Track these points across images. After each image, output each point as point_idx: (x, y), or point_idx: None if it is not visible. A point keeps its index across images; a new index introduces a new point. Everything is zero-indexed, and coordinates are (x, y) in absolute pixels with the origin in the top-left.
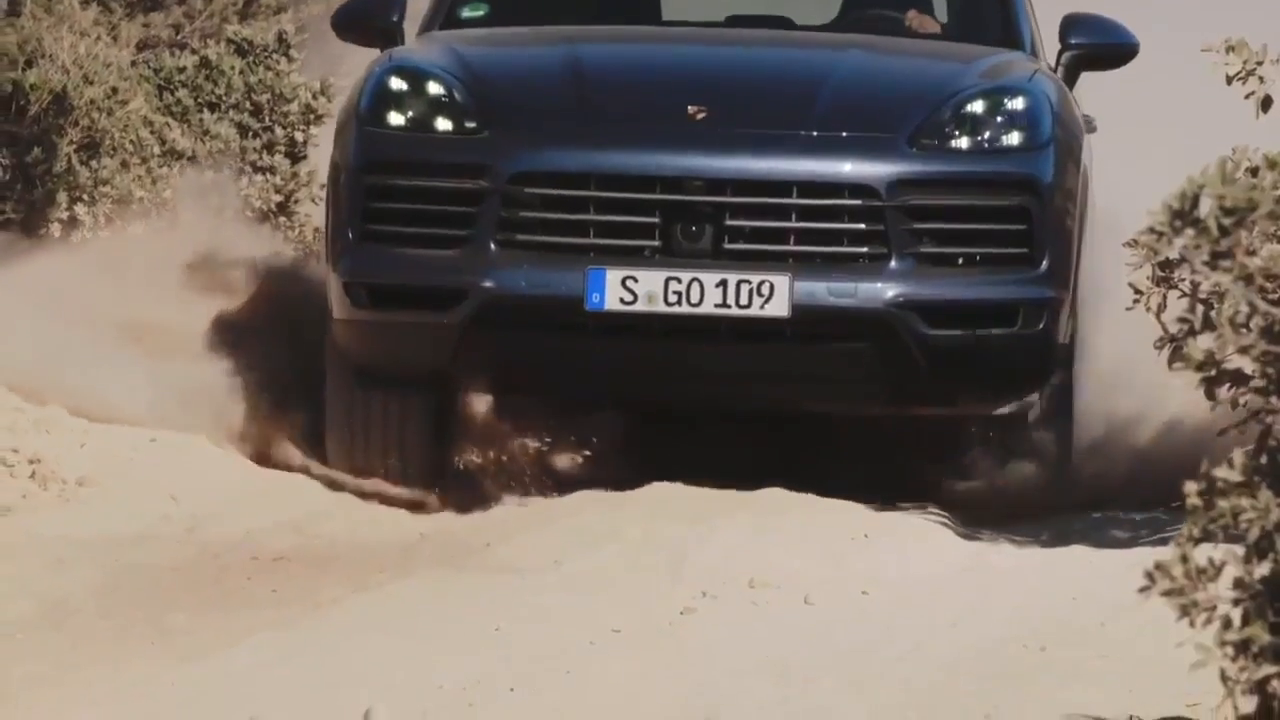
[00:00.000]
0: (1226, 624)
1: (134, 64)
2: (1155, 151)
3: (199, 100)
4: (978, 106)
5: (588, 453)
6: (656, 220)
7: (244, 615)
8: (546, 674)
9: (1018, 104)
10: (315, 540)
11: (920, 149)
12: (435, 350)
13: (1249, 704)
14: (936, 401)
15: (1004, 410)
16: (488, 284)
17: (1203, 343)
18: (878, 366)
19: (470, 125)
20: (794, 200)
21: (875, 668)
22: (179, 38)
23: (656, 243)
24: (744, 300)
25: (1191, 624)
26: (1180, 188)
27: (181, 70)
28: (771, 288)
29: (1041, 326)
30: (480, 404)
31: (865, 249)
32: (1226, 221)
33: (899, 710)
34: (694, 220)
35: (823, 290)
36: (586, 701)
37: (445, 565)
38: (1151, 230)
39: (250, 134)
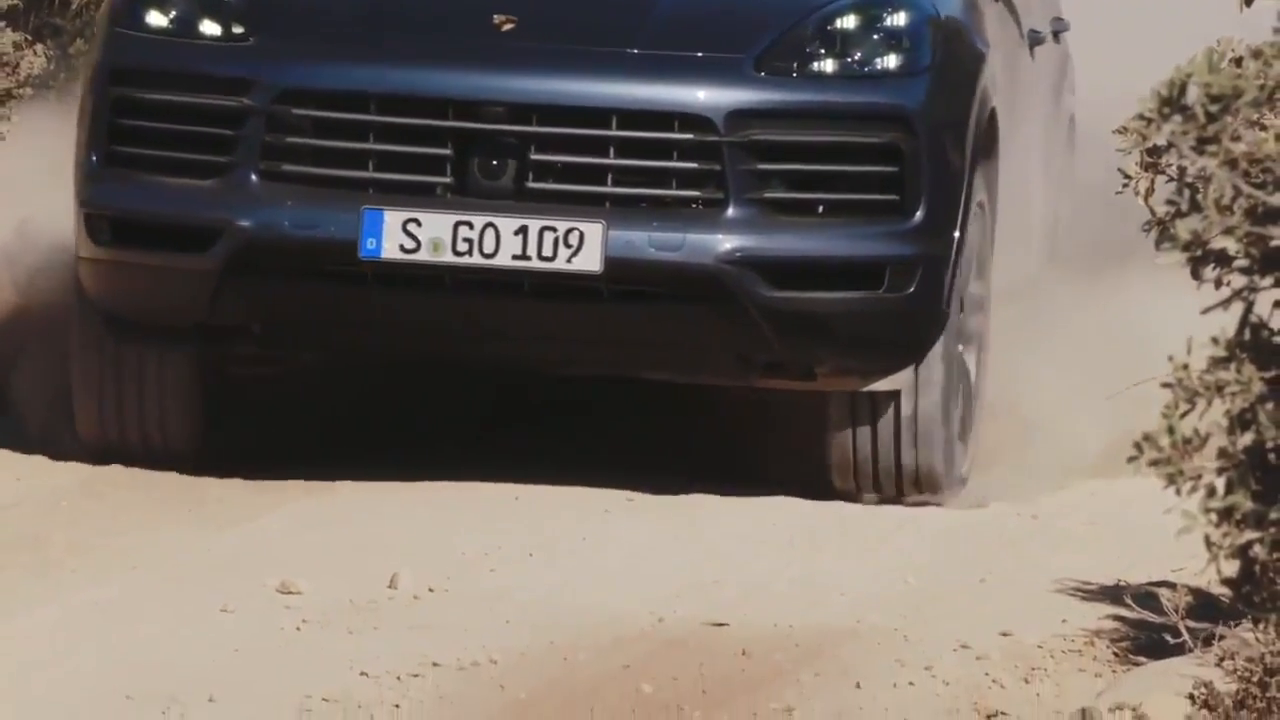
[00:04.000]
0: (1211, 492)
1: None
2: (1138, 45)
3: None
4: (849, 21)
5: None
6: (448, 152)
7: (275, 485)
8: (563, 540)
9: (898, 19)
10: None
11: (771, 72)
12: (189, 298)
13: (1231, 568)
14: (792, 374)
15: (876, 387)
16: (245, 223)
17: (1189, 224)
18: (712, 333)
19: (237, 30)
20: (612, 132)
21: (875, 536)
22: None
23: (448, 179)
24: (547, 251)
25: (1177, 492)
26: (1168, 76)
27: None
28: (581, 237)
29: (913, 289)
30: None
31: (697, 193)
32: (1213, 109)
33: (899, 574)
34: (493, 153)
35: (643, 241)
36: (601, 565)
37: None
38: (1141, 117)
39: None
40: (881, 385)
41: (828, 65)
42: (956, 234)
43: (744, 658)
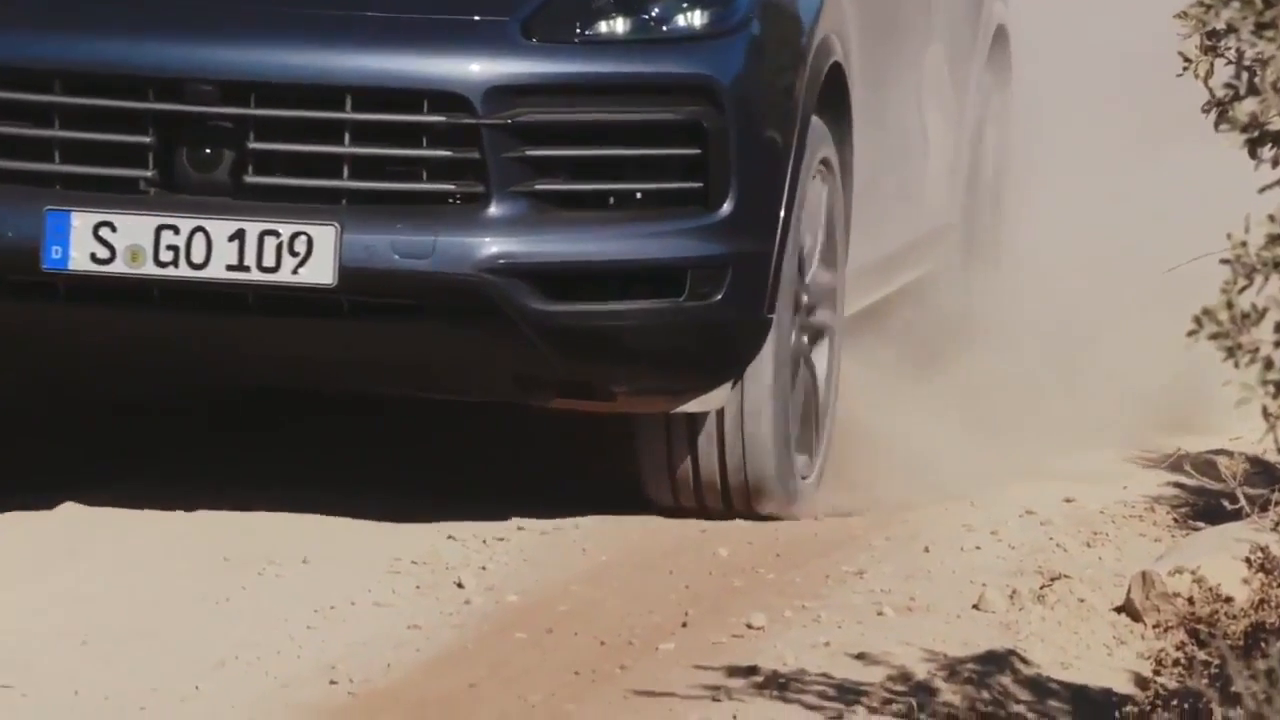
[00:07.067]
0: (1268, 365)
1: None
2: None
3: None
4: None
5: None
6: (149, 140)
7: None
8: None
9: None
10: None
11: (544, 38)
12: None
13: None
14: (583, 395)
15: (689, 408)
16: None
17: (1247, 106)
18: (480, 353)
19: None
20: (347, 114)
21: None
22: None
23: (150, 173)
24: (269, 260)
25: (1236, 365)
26: None
27: None
28: (309, 243)
29: (722, 296)
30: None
31: (452, 186)
32: None
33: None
34: (203, 141)
35: (385, 247)
36: None
37: None
38: (1201, 3)
39: None
40: (693, 406)
41: (618, 26)
42: (780, 225)
43: (817, 523)
